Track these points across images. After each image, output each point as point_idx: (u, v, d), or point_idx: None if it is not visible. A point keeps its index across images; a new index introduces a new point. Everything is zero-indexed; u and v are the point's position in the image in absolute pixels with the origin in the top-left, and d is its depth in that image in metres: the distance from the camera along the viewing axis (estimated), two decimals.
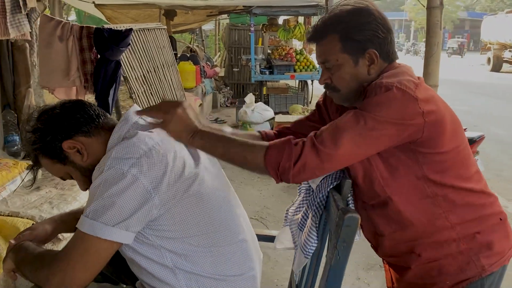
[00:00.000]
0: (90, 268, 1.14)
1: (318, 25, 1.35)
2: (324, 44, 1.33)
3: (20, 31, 2.13)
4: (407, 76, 1.26)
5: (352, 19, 1.29)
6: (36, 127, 1.27)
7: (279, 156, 1.18)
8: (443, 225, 1.31)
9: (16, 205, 2.20)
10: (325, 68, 1.35)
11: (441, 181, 1.29)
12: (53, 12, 11.63)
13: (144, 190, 1.12)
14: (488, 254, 1.31)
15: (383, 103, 1.19)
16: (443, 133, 1.25)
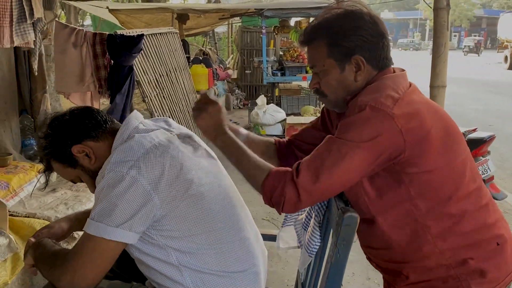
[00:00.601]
0: (98, 267, 1.20)
1: (308, 29, 1.33)
2: (312, 49, 1.31)
3: (24, 39, 2.22)
4: (388, 90, 1.19)
5: (340, 24, 1.25)
6: (47, 133, 1.35)
7: (273, 189, 1.19)
8: (431, 251, 1.24)
9: (33, 206, 2.28)
10: (314, 72, 1.33)
11: (429, 205, 1.22)
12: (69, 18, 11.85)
13: (143, 190, 1.17)
14: (481, 281, 1.23)
15: (354, 125, 1.15)
16: (429, 150, 1.17)
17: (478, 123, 7.65)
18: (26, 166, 2.08)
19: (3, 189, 1.85)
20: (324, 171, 1.13)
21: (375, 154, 1.13)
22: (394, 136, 1.13)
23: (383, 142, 1.13)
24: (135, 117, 1.38)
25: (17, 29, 2.19)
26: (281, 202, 1.18)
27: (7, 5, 2.12)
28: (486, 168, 3.24)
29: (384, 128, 1.12)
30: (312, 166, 1.15)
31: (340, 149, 1.13)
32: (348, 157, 1.13)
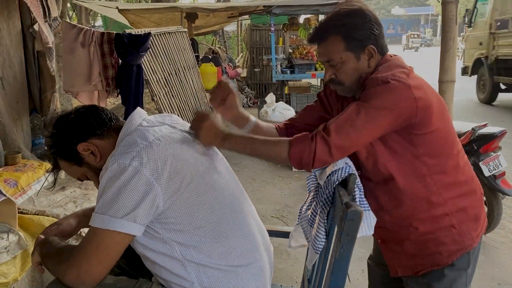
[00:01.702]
0: (104, 262, 1.20)
1: (320, 27, 1.50)
2: (327, 45, 1.47)
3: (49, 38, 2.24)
4: (399, 68, 1.43)
5: (351, 21, 1.44)
6: (53, 132, 1.37)
7: (301, 153, 1.37)
8: (437, 201, 1.46)
9: (43, 204, 2.31)
10: (329, 65, 1.49)
11: (433, 160, 1.45)
12: (80, 19, 11.96)
13: (146, 180, 1.18)
14: (475, 227, 1.50)
15: (380, 94, 1.36)
16: (432, 116, 1.41)
17: (490, 118, 7.55)
18: (35, 165, 2.11)
19: (11, 187, 1.88)
20: (354, 131, 1.35)
21: (396, 117, 1.36)
22: (411, 103, 1.35)
23: (403, 107, 1.35)
24: (138, 114, 1.39)
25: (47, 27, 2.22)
26: (311, 161, 1.36)
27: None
28: (497, 163, 3.19)
29: (403, 96, 1.35)
30: (343, 127, 1.35)
31: (368, 113, 1.34)
32: (375, 119, 1.35)
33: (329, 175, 1.47)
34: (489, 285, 2.82)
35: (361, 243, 3.22)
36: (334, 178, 1.43)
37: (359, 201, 1.46)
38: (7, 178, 1.91)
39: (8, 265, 1.85)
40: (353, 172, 1.42)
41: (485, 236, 3.45)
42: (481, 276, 2.91)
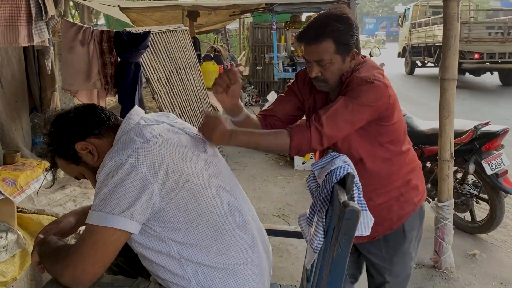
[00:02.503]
0: (100, 260, 1.20)
1: (315, 30, 1.65)
2: (320, 47, 1.64)
3: (41, 38, 2.22)
4: (375, 69, 1.71)
5: (343, 27, 1.63)
6: (52, 131, 1.36)
7: (300, 142, 1.58)
8: (395, 178, 1.78)
9: (42, 203, 2.31)
10: (317, 64, 1.67)
11: (394, 146, 1.75)
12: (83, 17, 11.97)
13: (142, 177, 1.17)
14: (417, 193, 1.84)
15: (365, 92, 1.60)
16: (395, 110, 1.70)
17: (494, 116, 7.52)
18: (34, 164, 2.11)
19: (10, 186, 1.87)
20: (343, 122, 1.59)
21: (374, 112, 1.62)
22: (386, 100, 1.63)
23: (380, 104, 1.62)
24: (136, 113, 1.38)
25: (35, 27, 2.20)
26: (308, 149, 1.59)
27: (22, 4, 2.12)
28: (499, 162, 3.17)
29: (382, 94, 1.62)
30: (333, 119, 1.58)
31: (354, 109, 1.58)
32: (359, 113, 1.60)
33: (327, 174, 1.46)
34: (491, 284, 2.80)
35: None
36: (332, 177, 1.42)
37: (358, 200, 1.45)
38: (6, 177, 1.91)
39: (7, 264, 1.85)
40: (351, 171, 1.41)
41: (487, 235, 3.43)
42: (483, 274, 2.90)
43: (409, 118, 3.78)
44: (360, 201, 1.46)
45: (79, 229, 1.61)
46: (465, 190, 3.40)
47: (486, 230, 3.38)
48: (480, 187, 3.34)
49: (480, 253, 3.16)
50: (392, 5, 59.67)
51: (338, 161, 1.47)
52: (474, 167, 3.20)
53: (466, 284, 2.80)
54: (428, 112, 7.46)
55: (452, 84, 2.69)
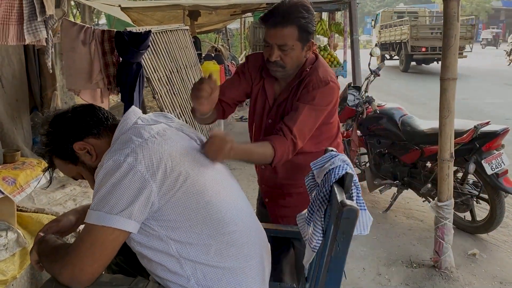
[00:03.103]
0: (98, 259, 1.20)
1: (282, 14, 1.69)
2: (285, 31, 1.70)
3: (35, 37, 2.21)
4: (329, 68, 1.86)
5: (308, 16, 1.71)
6: (49, 131, 1.36)
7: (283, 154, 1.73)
8: None
9: (42, 202, 2.31)
10: (278, 48, 1.74)
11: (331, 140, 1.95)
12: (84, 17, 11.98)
13: (141, 177, 1.17)
14: None
15: (323, 95, 1.77)
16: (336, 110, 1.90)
17: (495, 116, 7.51)
18: (34, 163, 2.11)
19: (10, 184, 1.88)
20: (309, 131, 1.79)
21: (328, 111, 1.82)
22: (336, 100, 1.84)
23: (333, 104, 1.83)
24: (133, 112, 1.38)
25: (28, 26, 2.20)
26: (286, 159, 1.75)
27: (15, 3, 2.13)
28: (500, 161, 3.16)
29: (335, 96, 1.82)
30: (302, 130, 1.76)
31: (316, 114, 1.78)
32: (319, 116, 1.79)
33: (326, 174, 1.46)
34: (491, 284, 2.80)
35: (363, 241, 3.24)
36: (331, 176, 1.43)
37: (356, 199, 1.45)
38: (6, 176, 1.92)
39: (7, 263, 1.86)
40: (350, 171, 1.41)
41: (487, 235, 3.43)
42: (483, 274, 2.90)
43: (409, 117, 3.79)
44: (359, 200, 1.46)
45: (79, 227, 1.62)
46: (465, 190, 3.40)
47: (486, 230, 3.38)
48: (480, 186, 3.33)
49: (480, 253, 3.16)
50: (394, 4, 59.65)
51: (337, 161, 1.47)
52: (474, 167, 3.20)
53: (466, 284, 2.79)
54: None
55: (452, 84, 2.69)
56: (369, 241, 3.27)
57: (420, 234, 3.48)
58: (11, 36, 2.11)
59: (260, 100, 1.97)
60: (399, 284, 2.78)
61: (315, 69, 1.83)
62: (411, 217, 3.84)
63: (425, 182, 3.54)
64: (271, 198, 2.07)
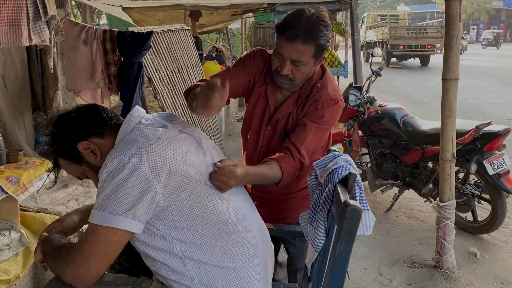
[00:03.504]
0: (102, 259, 1.20)
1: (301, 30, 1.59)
2: (303, 48, 1.62)
3: (40, 37, 2.22)
4: (335, 82, 1.85)
5: (326, 34, 1.64)
6: (54, 131, 1.37)
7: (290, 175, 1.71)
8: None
9: (45, 202, 2.32)
10: (291, 62, 1.66)
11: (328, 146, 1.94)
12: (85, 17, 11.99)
13: (145, 178, 1.17)
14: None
15: (331, 113, 1.77)
16: None
17: (497, 116, 7.51)
18: (37, 162, 2.12)
19: (13, 184, 1.88)
20: (314, 149, 1.78)
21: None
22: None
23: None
24: (137, 112, 1.39)
25: (33, 27, 2.21)
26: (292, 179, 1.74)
27: (23, 3, 2.13)
28: (501, 162, 3.17)
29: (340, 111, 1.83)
30: (310, 150, 1.75)
31: (322, 133, 1.79)
32: (325, 134, 1.82)
33: (329, 173, 1.46)
34: (492, 284, 2.80)
35: (364, 241, 3.24)
36: (334, 176, 1.43)
37: (359, 199, 1.45)
38: (9, 176, 1.92)
39: (10, 262, 1.86)
40: (353, 171, 1.42)
41: (489, 235, 3.43)
42: (484, 274, 2.90)
43: (411, 118, 3.79)
44: (362, 200, 1.46)
45: (82, 227, 1.62)
46: (467, 190, 3.41)
47: (488, 230, 3.38)
48: (482, 187, 3.34)
49: (482, 253, 3.16)
50: (395, 5, 59.62)
51: (340, 161, 1.47)
52: (476, 167, 3.20)
53: (467, 284, 2.80)
54: None
55: (454, 84, 2.69)
56: (370, 241, 3.28)
57: (422, 234, 3.48)
58: (24, 37, 2.12)
59: (261, 105, 1.89)
60: (400, 284, 2.78)
61: (324, 85, 1.78)
62: (412, 217, 3.84)
63: (426, 183, 3.55)
64: (260, 201, 1.99)
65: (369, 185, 4.13)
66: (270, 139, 1.90)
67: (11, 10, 2.09)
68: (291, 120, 1.83)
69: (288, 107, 1.83)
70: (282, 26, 1.64)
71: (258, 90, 1.86)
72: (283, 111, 1.84)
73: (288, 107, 1.83)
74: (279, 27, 1.66)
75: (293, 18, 1.63)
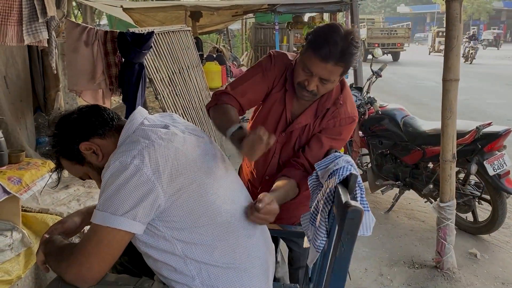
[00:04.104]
0: (104, 259, 1.21)
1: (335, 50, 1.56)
2: (334, 69, 1.60)
3: (35, 38, 2.21)
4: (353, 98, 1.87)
5: (357, 53, 1.61)
6: (56, 132, 1.38)
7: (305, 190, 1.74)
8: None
9: (46, 202, 2.33)
10: (319, 80, 1.64)
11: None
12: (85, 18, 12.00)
13: (147, 179, 1.18)
14: None
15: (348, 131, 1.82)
16: None
17: (497, 117, 7.51)
18: (38, 163, 2.12)
19: (15, 184, 1.89)
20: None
21: None
22: None
23: None
24: (139, 113, 1.39)
25: (28, 28, 2.21)
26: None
27: (14, 4, 2.13)
28: (502, 162, 3.17)
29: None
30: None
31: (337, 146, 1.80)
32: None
33: (330, 174, 1.47)
34: (493, 285, 2.80)
35: (365, 242, 3.24)
36: (335, 177, 1.43)
37: (360, 200, 1.46)
38: (11, 176, 1.93)
39: (12, 263, 1.87)
40: (354, 172, 1.42)
41: (489, 236, 3.44)
42: (485, 275, 2.91)
43: (411, 118, 3.79)
44: (363, 201, 1.46)
45: (83, 228, 1.63)
46: (467, 191, 3.41)
47: (488, 230, 3.38)
48: (482, 187, 3.34)
49: (482, 254, 3.17)
50: (395, 5, 59.69)
51: (341, 161, 1.47)
52: (476, 168, 3.20)
53: (468, 284, 2.80)
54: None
55: (455, 85, 2.69)
56: (371, 241, 3.28)
57: (422, 235, 3.48)
58: (10, 36, 2.11)
59: (277, 110, 1.84)
60: (401, 285, 2.79)
61: (344, 102, 1.78)
62: (413, 217, 3.84)
63: (427, 183, 3.55)
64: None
65: (370, 186, 4.13)
66: (283, 146, 1.87)
67: (1, 9, 2.09)
68: (307, 131, 1.81)
69: (307, 119, 1.80)
70: (316, 43, 1.59)
71: (275, 95, 1.82)
72: (300, 122, 1.81)
73: (306, 119, 1.80)
74: (312, 43, 1.60)
75: (328, 37, 1.57)
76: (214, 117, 1.76)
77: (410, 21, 33.68)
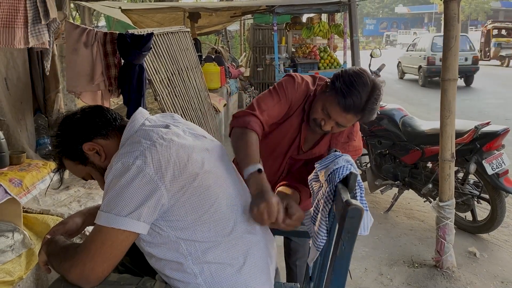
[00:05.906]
0: (108, 259, 1.22)
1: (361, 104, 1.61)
2: (353, 119, 1.68)
3: (39, 40, 2.22)
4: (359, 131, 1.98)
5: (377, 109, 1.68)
6: (59, 132, 1.39)
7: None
8: None
9: (47, 203, 2.33)
10: (335, 123, 1.70)
11: None
12: (84, 19, 11.99)
13: (150, 179, 1.19)
14: None
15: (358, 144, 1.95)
16: None
17: (495, 117, 7.53)
18: (39, 164, 2.13)
19: (16, 186, 1.90)
20: None
21: None
22: None
23: None
24: (140, 113, 1.40)
25: (32, 30, 2.22)
26: None
27: (20, 7, 2.14)
28: (500, 162, 3.19)
29: None
30: None
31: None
32: None
33: (330, 173, 1.48)
34: (492, 283, 2.82)
35: (364, 242, 3.25)
36: (335, 176, 1.44)
37: (360, 199, 1.46)
38: (12, 178, 1.93)
39: (13, 264, 1.87)
40: (354, 171, 1.43)
41: (488, 235, 3.45)
42: (484, 274, 2.92)
43: (410, 118, 3.81)
44: (362, 200, 1.47)
45: (85, 229, 1.63)
46: (466, 190, 3.42)
47: (487, 229, 3.40)
48: (481, 187, 3.36)
49: (482, 253, 3.18)
50: (392, 6, 59.75)
51: (341, 161, 1.48)
52: (475, 167, 3.22)
53: (467, 283, 2.81)
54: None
55: (453, 84, 2.71)
56: (370, 241, 3.29)
57: (421, 234, 3.50)
58: (18, 39, 2.12)
59: (291, 135, 1.88)
60: (401, 284, 2.80)
61: (355, 136, 1.91)
62: (412, 217, 3.86)
63: (426, 183, 3.56)
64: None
65: (369, 186, 4.14)
66: (292, 166, 1.97)
67: (6, 13, 2.10)
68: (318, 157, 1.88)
69: (320, 151, 1.89)
70: (341, 91, 1.61)
71: (293, 120, 1.85)
72: (314, 153, 1.90)
73: (320, 150, 1.89)
74: (337, 90, 1.62)
75: (354, 88, 1.60)
76: (236, 143, 1.70)
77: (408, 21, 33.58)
